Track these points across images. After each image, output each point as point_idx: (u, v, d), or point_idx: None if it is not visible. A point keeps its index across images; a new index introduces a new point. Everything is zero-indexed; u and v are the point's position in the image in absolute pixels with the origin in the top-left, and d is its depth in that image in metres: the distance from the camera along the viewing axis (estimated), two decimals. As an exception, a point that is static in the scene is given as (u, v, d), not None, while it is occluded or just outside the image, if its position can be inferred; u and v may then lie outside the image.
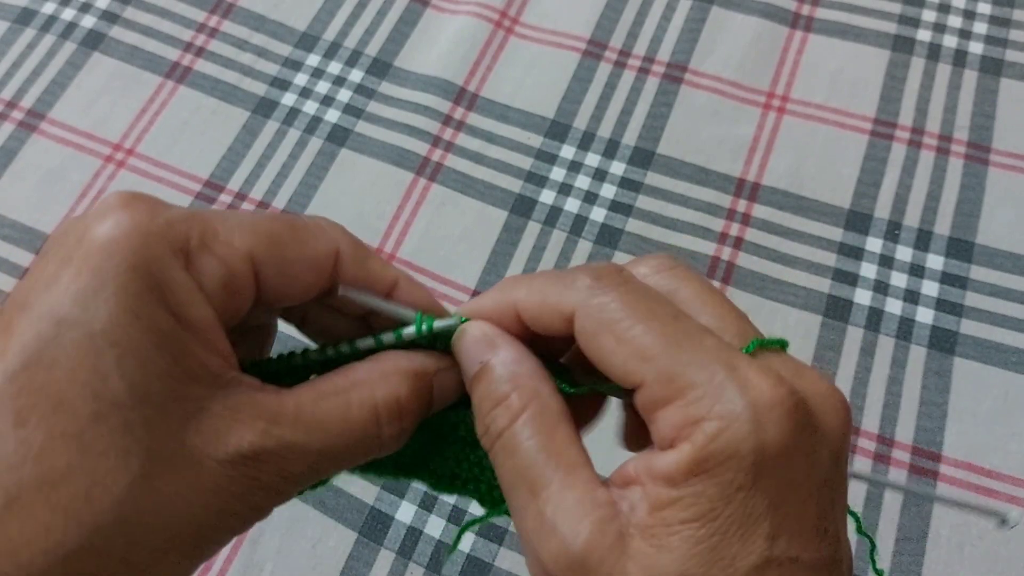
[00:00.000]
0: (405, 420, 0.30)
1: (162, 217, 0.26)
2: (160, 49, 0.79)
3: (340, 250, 0.30)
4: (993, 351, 0.61)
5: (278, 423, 0.27)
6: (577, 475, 0.27)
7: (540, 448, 0.27)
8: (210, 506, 0.26)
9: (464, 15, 0.79)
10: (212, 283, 0.27)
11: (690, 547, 0.25)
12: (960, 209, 0.67)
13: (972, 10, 0.75)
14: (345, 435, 0.28)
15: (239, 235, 0.28)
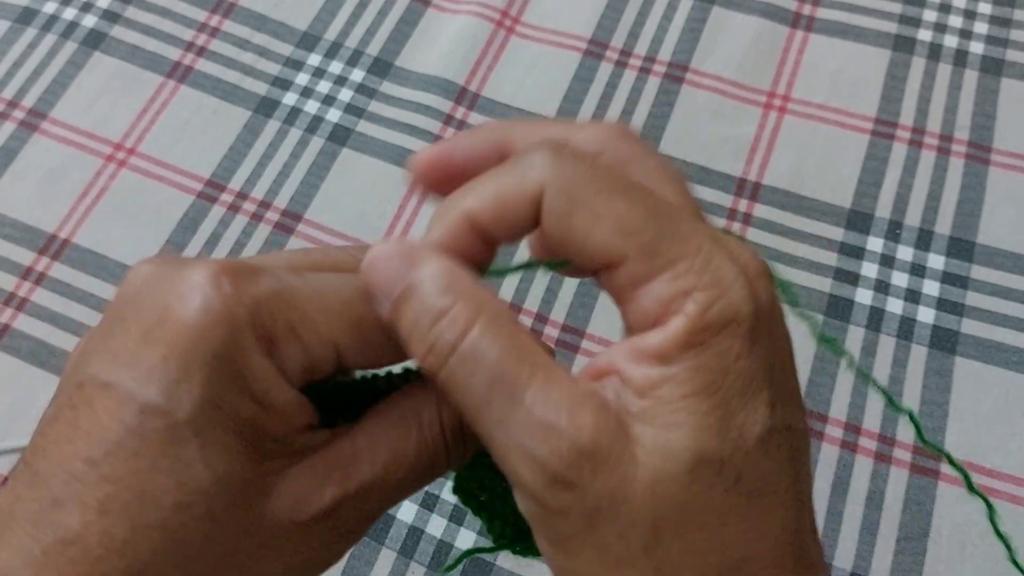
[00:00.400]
0: (469, 439, 0.28)
1: (249, 297, 0.25)
2: (161, 49, 0.79)
3: None
4: (994, 351, 0.61)
5: (354, 466, 0.27)
6: (555, 371, 0.25)
7: (508, 352, 0.24)
8: (294, 565, 0.26)
9: (465, 15, 0.79)
10: (294, 369, 0.26)
11: (699, 421, 0.23)
12: (961, 209, 0.67)
13: (973, 10, 0.75)
14: (417, 461, 0.28)
15: (325, 323, 0.26)
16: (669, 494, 0.23)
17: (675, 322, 0.24)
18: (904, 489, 0.57)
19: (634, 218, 0.25)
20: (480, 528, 0.58)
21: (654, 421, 0.24)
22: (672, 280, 0.24)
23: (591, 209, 0.25)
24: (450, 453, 0.29)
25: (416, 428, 0.28)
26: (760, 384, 0.24)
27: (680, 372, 0.24)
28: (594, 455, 0.23)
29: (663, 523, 0.24)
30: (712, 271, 0.24)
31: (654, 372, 0.24)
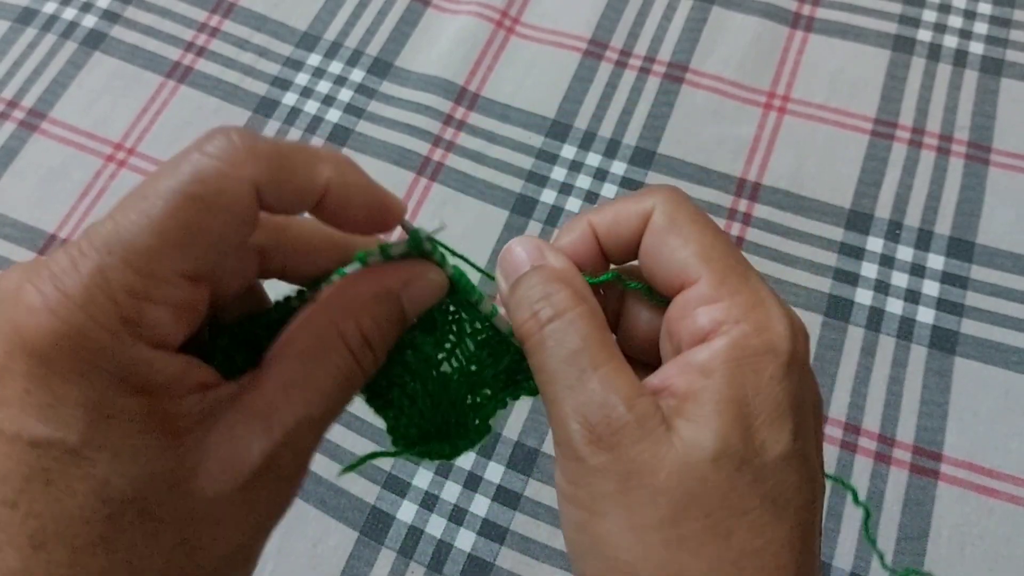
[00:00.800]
0: (377, 348, 0.30)
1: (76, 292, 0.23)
2: (161, 49, 0.79)
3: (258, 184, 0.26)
4: (994, 351, 0.61)
5: (273, 414, 0.27)
6: (627, 368, 0.29)
7: (595, 337, 0.30)
8: (248, 527, 0.27)
9: (465, 15, 0.79)
10: (164, 329, 0.25)
11: (726, 425, 0.27)
12: (960, 209, 0.67)
13: (972, 10, 0.75)
14: (334, 385, 0.29)
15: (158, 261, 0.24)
16: (692, 478, 0.27)
17: (720, 341, 0.29)
18: (904, 489, 0.57)
19: (713, 249, 0.30)
20: (481, 528, 0.58)
21: (691, 418, 0.28)
22: (729, 307, 0.29)
23: (684, 232, 0.31)
24: (364, 367, 0.30)
25: (325, 352, 0.28)
26: (785, 411, 0.28)
27: (718, 381, 0.28)
28: (638, 428, 0.28)
29: (688, 500, 0.27)
30: (764, 310, 0.29)
31: (697, 381, 0.28)
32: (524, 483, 0.59)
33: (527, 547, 0.57)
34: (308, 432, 0.28)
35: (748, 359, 0.28)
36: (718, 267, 0.30)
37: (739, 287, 0.30)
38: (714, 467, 0.27)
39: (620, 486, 0.28)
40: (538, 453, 0.60)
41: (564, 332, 0.30)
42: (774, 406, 0.28)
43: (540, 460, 0.60)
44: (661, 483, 0.27)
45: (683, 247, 0.31)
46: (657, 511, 0.27)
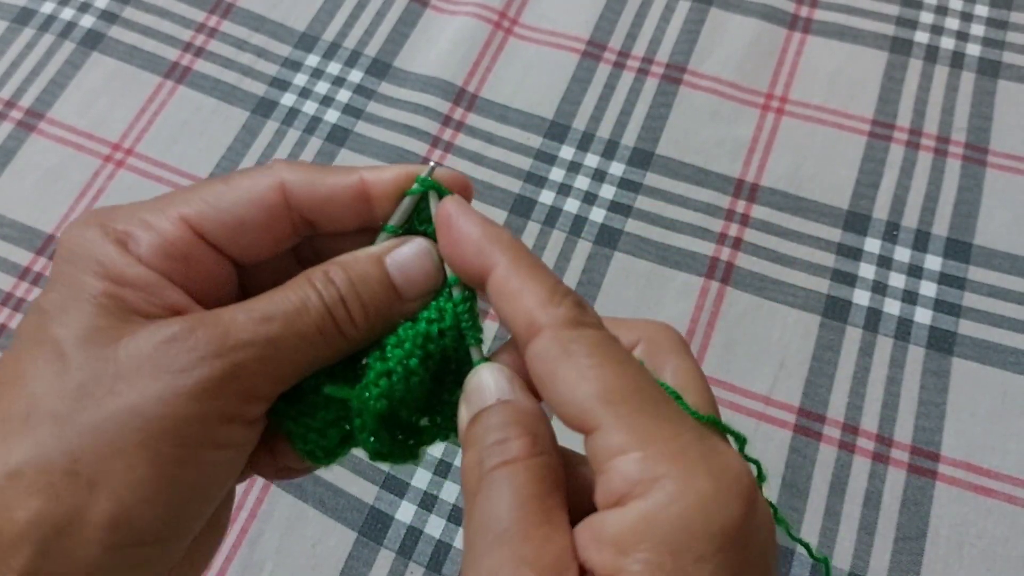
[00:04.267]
0: (341, 286, 0.30)
1: (102, 213, 0.30)
2: (159, 49, 0.79)
3: (286, 183, 0.31)
4: (991, 351, 0.61)
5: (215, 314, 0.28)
6: (556, 540, 0.25)
7: (529, 498, 0.26)
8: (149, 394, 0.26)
9: (463, 16, 0.79)
10: (149, 250, 0.29)
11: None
12: (958, 210, 0.67)
13: (969, 12, 0.76)
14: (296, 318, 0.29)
15: (172, 207, 0.30)
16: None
17: (634, 507, 0.24)
18: (902, 489, 0.57)
19: (619, 389, 0.25)
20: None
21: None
22: (643, 460, 0.24)
23: (578, 368, 0.26)
24: (327, 300, 0.29)
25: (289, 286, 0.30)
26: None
27: (634, 563, 0.23)
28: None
29: None
30: (688, 463, 0.24)
31: (611, 560, 0.24)
32: (523, 483, 0.59)
33: (526, 547, 0.57)
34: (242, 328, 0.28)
35: (670, 533, 0.23)
36: (626, 409, 0.25)
37: (655, 433, 0.25)
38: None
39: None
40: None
41: (500, 489, 0.26)
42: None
43: (539, 460, 0.60)
44: None
45: (578, 386, 0.26)
46: None
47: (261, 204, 0.31)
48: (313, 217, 0.32)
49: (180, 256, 0.30)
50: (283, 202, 0.31)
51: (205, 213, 0.30)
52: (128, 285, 0.29)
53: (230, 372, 0.27)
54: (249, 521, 0.59)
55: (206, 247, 0.30)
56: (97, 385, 0.27)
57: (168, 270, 0.29)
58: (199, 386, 0.27)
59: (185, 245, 0.30)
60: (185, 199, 0.31)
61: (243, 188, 0.31)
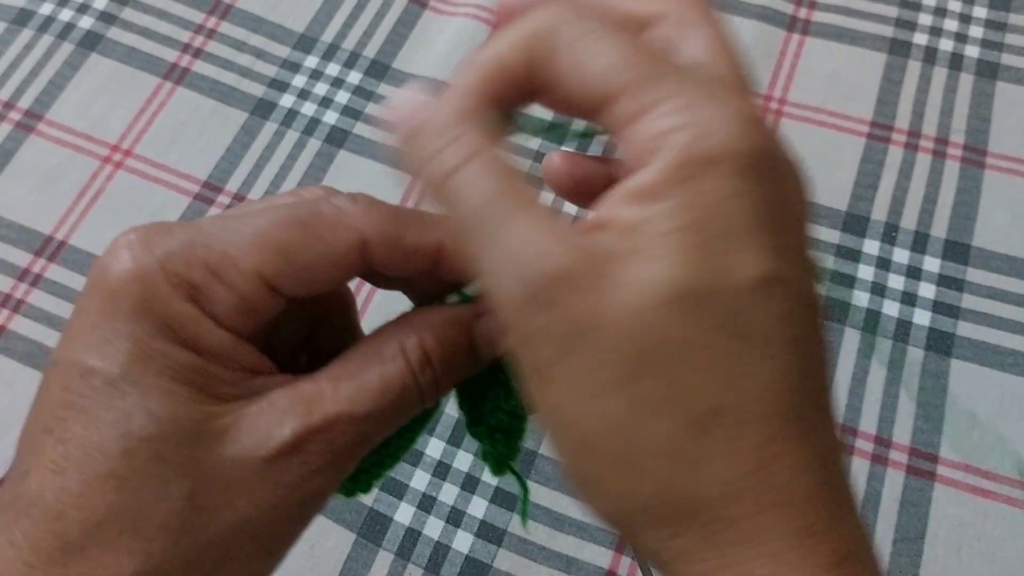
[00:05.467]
0: (438, 366, 0.29)
1: (160, 250, 0.26)
2: (158, 50, 0.79)
3: (366, 237, 0.28)
4: (990, 353, 0.61)
5: (317, 401, 0.27)
6: (545, 211, 0.24)
7: (502, 185, 0.24)
8: (263, 505, 0.26)
9: (462, 17, 0.79)
10: (225, 311, 0.27)
11: (680, 256, 0.23)
12: (957, 212, 0.67)
13: (968, 14, 0.76)
14: (383, 392, 0.28)
15: (244, 256, 0.27)
16: (646, 325, 0.23)
17: (660, 157, 0.23)
18: (900, 491, 0.57)
19: (623, 57, 0.24)
20: (478, 530, 0.58)
21: (636, 255, 0.23)
22: (659, 117, 0.24)
23: (582, 48, 0.25)
24: (420, 383, 0.28)
25: (378, 362, 0.28)
26: (754, 227, 0.23)
27: (665, 208, 0.23)
28: (568, 279, 0.23)
29: (639, 356, 0.23)
30: (706, 108, 0.23)
31: (640, 211, 0.23)
32: (522, 485, 0.59)
33: (525, 549, 0.57)
34: (347, 428, 0.27)
35: (696, 174, 0.23)
36: (638, 72, 0.24)
37: (671, 87, 0.24)
38: (668, 311, 0.23)
39: (562, 348, 0.23)
40: (536, 455, 0.60)
41: (468, 183, 0.25)
42: (737, 224, 0.23)
43: (538, 461, 0.60)
44: (607, 341, 0.23)
45: (585, 65, 0.25)
46: (605, 373, 0.23)
47: (341, 265, 0.28)
48: (385, 271, 0.30)
49: (254, 312, 0.27)
50: (360, 259, 0.29)
51: (282, 270, 0.27)
52: (209, 355, 0.26)
53: (337, 475, 0.28)
54: (247, 523, 0.59)
55: (277, 298, 0.28)
56: (207, 496, 0.25)
57: (241, 328, 0.27)
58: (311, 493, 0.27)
59: (261, 302, 0.27)
60: (259, 247, 0.27)
61: (323, 243, 0.28)
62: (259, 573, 0.27)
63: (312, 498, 0.27)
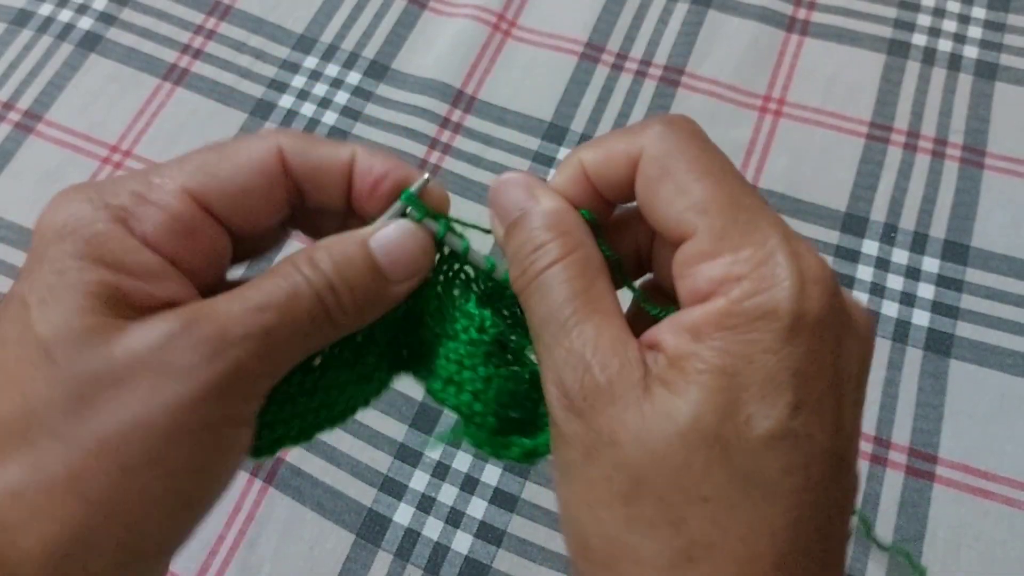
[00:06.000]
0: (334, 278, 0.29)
1: (91, 189, 0.28)
2: (157, 51, 0.79)
3: (282, 148, 0.30)
4: (989, 353, 0.61)
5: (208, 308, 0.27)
6: (612, 322, 0.27)
7: (579, 290, 0.27)
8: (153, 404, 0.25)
9: (461, 18, 0.79)
10: (155, 229, 0.28)
11: (706, 396, 0.24)
12: (955, 212, 0.67)
13: (967, 14, 0.76)
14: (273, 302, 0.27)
15: (169, 179, 0.29)
16: (657, 452, 0.24)
17: (716, 302, 0.25)
18: (899, 491, 0.57)
19: (713, 199, 0.26)
20: (478, 530, 0.58)
21: (670, 386, 0.25)
22: (730, 264, 0.25)
23: (676, 182, 0.27)
24: (321, 294, 0.28)
25: (274, 274, 0.28)
26: (784, 384, 0.24)
27: (707, 349, 0.25)
28: (607, 394, 0.25)
29: (645, 478, 0.25)
30: (770, 265, 0.25)
31: (685, 345, 0.25)
32: (521, 485, 0.59)
33: (524, 550, 0.57)
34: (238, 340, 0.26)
35: (744, 324, 0.25)
36: (720, 221, 0.26)
37: (746, 240, 0.25)
38: (680, 443, 0.24)
39: (584, 456, 0.26)
40: (535, 455, 0.60)
41: (549, 285, 0.28)
42: (767, 378, 0.24)
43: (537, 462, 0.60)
44: (622, 456, 0.25)
45: (675, 199, 0.27)
46: (613, 486, 0.25)
47: (263, 170, 0.30)
48: (305, 186, 0.31)
49: (186, 233, 0.28)
50: (281, 168, 0.30)
51: (208, 184, 0.29)
52: (128, 273, 0.27)
53: (232, 372, 0.26)
54: (247, 524, 0.59)
55: (211, 220, 0.29)
56: (94, 393, 0.25)
57: (173, 250, 0.28)
58: (204, 390, 0.25)
59: (191, 220, 0.28)
60: (181, 169, 0.29)
61: (242, 155, 0.30)
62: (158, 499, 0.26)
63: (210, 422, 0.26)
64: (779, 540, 0.24)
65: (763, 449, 0.24)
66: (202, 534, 0.59)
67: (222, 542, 0.59)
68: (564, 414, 0.26)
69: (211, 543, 0.59)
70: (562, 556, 0.57)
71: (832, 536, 0.26)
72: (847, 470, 0.26)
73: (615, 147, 0.29)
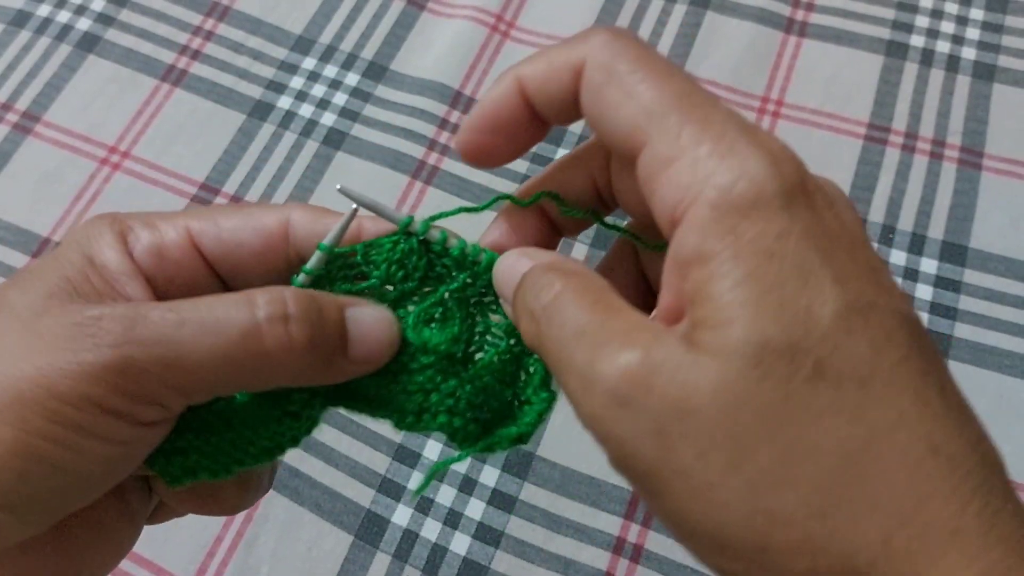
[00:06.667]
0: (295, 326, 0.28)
1: (124, 214, 0.31)
2: (156, 52, 0.79)
3: (291, 219, 0.32)
4: (986, 354, 0.61)
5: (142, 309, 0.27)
6: (628, 313, 0.25)
7: (590, 303, 0.25)
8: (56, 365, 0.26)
9: (460, 19, 0.79)
10: (143, 247, 0.31)
11: (752, 311, 0.22)
12: (953, 213, 0.67)
13: (965, 16, 0.76)
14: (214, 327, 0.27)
15: (182, 218, 0.32)
16: (740, 396, 0.22)
17: (699, 211, 0.23)
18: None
19: (661, 100, 0.25)
20: (476, 532, 0.58)
21: (709, 323, 0.22)
22: (693, 164, 0.23)
23: (622, 86, 0.25)
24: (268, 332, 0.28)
25: (224, 300, 0.28)
26: (817, 261, 0.22)
27: (723, 265, 0.22)
28: (647, 368, 0.23)
29: (742, 430, 0.22)
30: (735, 153, 0.23)
31: (697, 274, 0.23)
32: (519, 487, 0.59)
33: (522, 551, 0.57)
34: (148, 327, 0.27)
35: (738, 222, 0.22)
36: (670, 119, 0.24)
37: (702, 135, 0.24)
38: (759, 374, 0.21)
39: (659, 447, 0.22)
40: (533, 456, 0.60)
41: (556, 311, 0.26)
42: (799, 261, 0.22)
43: (535, 463, 0.60)
44: (704, 424, 0.22)
45: (623, 104, 0.25)
46: (713, 463, 0.22)
47: (260, 231, 0.31)
48: (305, 256, 0.32)
49: (172, 260, 0.31)
50: (283, 235, 0.32)
51: (206, 229, 0.31)
52: (97, 269, 0.29)
53: (118, 364, 0.26)
54: (245, 524, 0.59)
55: (199, 259, 0.31)
56: (10, 351, 0.27)
57: (154, 269, 0.30)
58: (81, 368, 0.26)
59: (179, 251, 0.31)
60: (197, 213, 0.32)
61: (251, 215, 0.32)
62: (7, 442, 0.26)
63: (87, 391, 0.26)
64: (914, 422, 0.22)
65: (842, 335, 0.22)
66: (200, 535, 0.59)
67: (220, 543, 0.59)
68: (609, 416, 0.23)
69: (208, 544, 0.59)
70: (560, 557, 0.57)
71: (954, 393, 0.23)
72: (920, 324, 0.24)
73: (556, 59, 0.27)
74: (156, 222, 0.31)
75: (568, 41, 0.27)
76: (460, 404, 0.31)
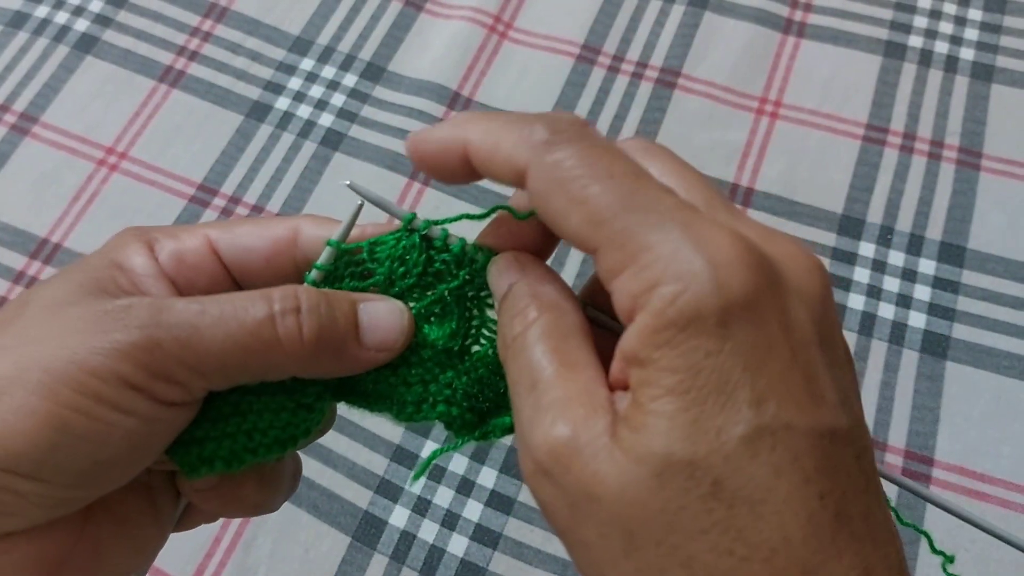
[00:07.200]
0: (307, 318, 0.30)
1: (152, 227, 0.34)
2: (153, 53, 0.79)
3: (300, 227, 0.34)
4: (985, 355, 0.61)
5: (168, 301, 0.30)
6: (580, 373, 0.26)
7: (547, 350, 0.27)
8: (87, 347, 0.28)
9: (458, 20, 0.79)
10: (166, 253, 0.33)
11: (667, 424, 0.23)
12: (952, 214, 0.67)
13: (963, 16, 0.76)
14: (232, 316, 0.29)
15: (203, 228, 0.34)
16: (638, 498, 0.23)
17: (642, 319, 0.24)
18: (896, 494, 0.57)
19: (606, 207, 0.25)
20: (474, 533, 0.58)
21: (633, 425, 0.24)
22: (638, 272, 0.24)
23: (567, 195, 0.25)
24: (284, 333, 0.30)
25: (241, 296, 0.30)
26: (740, 381, 0.23)
27: (653, 374, 0.23)
28: (570, 448, 0.24)
29: (636, 527, 0.23)
30: (678, 262, 0.23)
31: (635, 376, 0.24)
32: (518, 488, 0.59)
33: (520, 552, 0.57)
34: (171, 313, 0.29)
35: (676, 334, 0.23)
36: (615, 227, 0.24)
37: (645, 239, 0.24)
38: (659, 483, 0.23)
39: (570, 519, 0.25)
40: (531, 458, 0.60)
41: (520, 347, 0.28)
42: (720, 383, 0.23)
43: (533, 465, 0.60)
44: (605, 513, 0.24)
45: (570, 213, 0.25)
46: (609, 543, 0.24)
47: (270, 237, 0.34)
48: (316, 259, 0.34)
49: (192, 264, 0.33)
50: (291, 240, 0.34)
51: (223, 236, 0.34)
52: (125, 271, 0.32)
53: (144, 343, 0.28)
54: (243, 525, 0.59)
55: (218, 263, 0.34)
56: (40, 335, 0.28)
57: (177, 272, 0.33)
58: (112, 347, 0.28)
59: (199, 256, 0.33)
60: (217, 223, 0.35)
61: (264, 223, 0.34)
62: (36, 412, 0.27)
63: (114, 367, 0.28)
64: (797, 547, 0.22)
65: (745, 459, 0.22)
66: (198, 536, 0.59)
67: (218, 544, 0.59)
68: (535, 480, 0.25)
69: (207, 545, 0.59)
70: (558, 559, 0.57)
71: (859, 515, 0.24)
72: (846, 439, 0.24)
73: (502, 146, 0.27)
74: (179, 233, 0.34)
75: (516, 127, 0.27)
76: (457, 394, 0.32)
